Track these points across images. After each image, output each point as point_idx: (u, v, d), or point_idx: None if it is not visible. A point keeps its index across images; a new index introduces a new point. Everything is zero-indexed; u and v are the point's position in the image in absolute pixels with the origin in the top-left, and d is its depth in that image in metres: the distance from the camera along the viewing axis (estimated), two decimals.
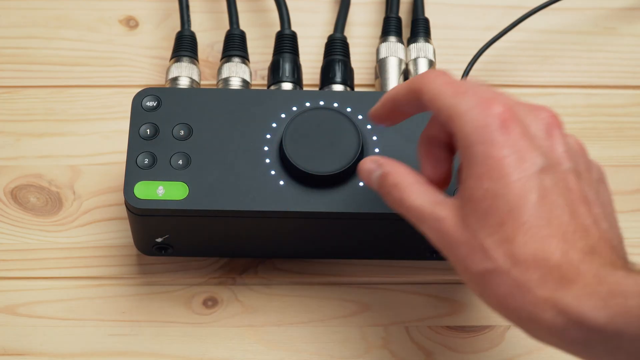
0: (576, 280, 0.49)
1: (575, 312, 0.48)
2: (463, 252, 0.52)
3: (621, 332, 0.47)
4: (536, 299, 0.49)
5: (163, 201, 0.62)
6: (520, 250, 0.50)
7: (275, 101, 0.66)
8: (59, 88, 0.75)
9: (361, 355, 0.66)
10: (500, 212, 0.51)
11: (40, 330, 0.66)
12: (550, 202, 0.51)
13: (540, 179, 0.51)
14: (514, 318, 0.51)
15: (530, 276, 0.50)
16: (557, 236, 0.50)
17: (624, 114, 0.75)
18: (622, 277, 0.48)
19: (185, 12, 0.75)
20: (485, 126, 0.52)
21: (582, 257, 0.50)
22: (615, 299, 0.47)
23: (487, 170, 0.51)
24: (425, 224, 0.54)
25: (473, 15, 0.79)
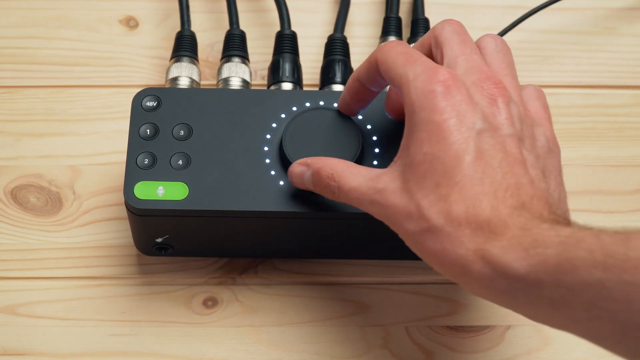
0: (503, 233, 0.51)
1: (500, 263, 0.50)
2: (402, 216, 0.54)
3: (541, 281, 0.49)
4: (467, 252, 0.52)
5: (163, 201, 0.62)
6: (453, 208, 0.52)
7: (275, 101, 0.66)
8: (59, 88, 0.75)
9: (361, 355, 0.66)
10: (437, 173, 0.53)
11: (40, 330, 0.66)
12: (485, 162, 0.53)
13: (478, 140, 0.53)
14: (449, 273, 0.53)
15: (462, 232, 0.52)
16: (488, 194, 0.52)
17: (624, 114, 0.75)
18: (546, 229, 0.50)
19: (185, 12, 0.75)
20: (429, 92, 0.54)
21: (511, 212, 0.52)
22: (536, 249, 0.49)
23: (428, 134, 0.54)
24: (367, 200, 0.56)
25: (473, 15, 0.79)
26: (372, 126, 0.65)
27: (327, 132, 0.64)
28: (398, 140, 0.65)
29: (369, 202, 0.56)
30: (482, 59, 0.58)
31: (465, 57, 0.58)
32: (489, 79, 0.57)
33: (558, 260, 0.48)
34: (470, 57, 0.58)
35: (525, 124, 0.57)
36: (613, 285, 0.47)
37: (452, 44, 0.58)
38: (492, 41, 0.60)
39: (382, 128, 0.65)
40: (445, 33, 0.59)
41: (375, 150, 0.64)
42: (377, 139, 0.65)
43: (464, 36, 0.59)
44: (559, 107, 0.75)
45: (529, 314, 0.52)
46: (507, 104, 0.56)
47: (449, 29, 0.59)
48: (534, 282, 0.49)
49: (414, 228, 0.54)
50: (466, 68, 0.57)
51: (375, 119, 0.65)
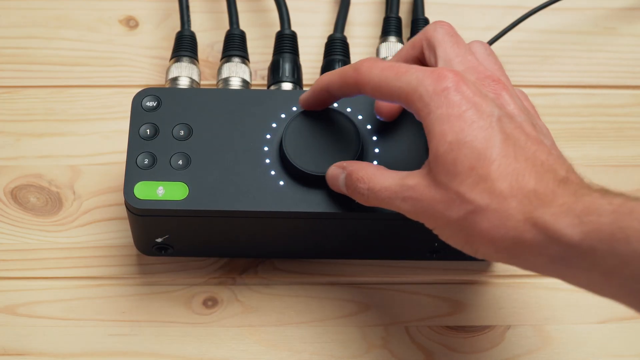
0: (553, 200, 0.52)
1: (553, 229, 0.51)
2: (441, 208, 0.54)
3: (594, 248, 0.49)
4: (517, 223, 0.52)
5: (163, 201, 0.62)
6: (495, 185, 0.53)
7: (275, 101, 0.66)
8: (59, 88, 0.75)
9: (361, 355, 0.66)
10: (469, 158, 0.53)
11: (40, 330, 0.66)
12: (514, 143, 0.54)
13: (501, 124, 0.54)
14: (501, 249, 0.53)
15: (509, 204, 0.52)
16: (527, 168, 0.53)
17: (624, 114, 0.75)
18: (597, 197, 0.51)
19: (185, 12, 0.75)
20: (441, 91, 0.55)
21: (557, 183, 0.53)
22: (590, 217, 0.50)
23: (450, 126, 0.54)
24: (399, 198, 0.57)
25: (473, 15, 0.79)
26: (372, 126, 0.65)
27: (327, 132, 0.64)
28: (398, 140, 0.65)
29: (401, 200, 0.56)
30: (477, 60, 0.59)
31: (461, 58, 0.58)
32: (487, 77, 0.58)
33: (612, 229, 0.49)
34: (465, 58, 0.59)
35: (530, 114, 0.58)
36: None
37: (446, 46, 0.59)
38: (482, 46, 0.61)
39: (382, 128, 0.65)
40: (438, 35, 0.60)
41: (375, 150, 0.64)
42: (377, 139, 0.65)
43: (456, 38, 0.60)
44: (559, 107, 0.75)
45: (581, 282, 0.52)
46: (512, 97, 0.57)
47: (441, 31, 0.60)
48: (588, 249, 0.49)
49: (457, 214, 0.54)
50: (464, 69, 0.58)
51: (375, 119, 0.65)
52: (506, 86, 0.58)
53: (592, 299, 0.67)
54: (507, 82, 0.59)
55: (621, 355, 0.66)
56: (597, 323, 0.67)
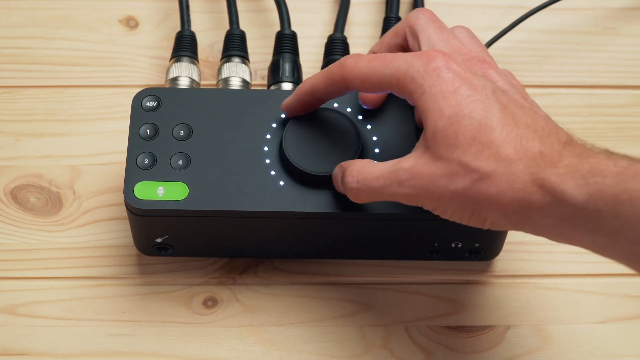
0: (559, 162, 0.52)
1: (559, 190, 0.51)
2: (444, 182, 0.54)
3: (599, 210, 0.50)
4: (524, 184, 0.52)
5: (163, 201, 0.62)
6: (500, 150, 0.53)
7: (275, 101, 0.66)
8: (59, 88, 0.75)
9: (361, 355, 0.66)
10: (469, 129, 0.54)
11: (40, 330, 0.66)
12: (511, 112, 0.54)
13: (496, 96, 0.55)
14: (510, 213, 0.53)
15: (515, 167, 0.52)
16: (530, 133, 0.53)
17: (624, 114, 0.75)
18: (603, 158, 0.51)
19: (185, 12, 0.75)
20: (432, 70, 0.55)
21: (562, 145, 0.53)
22: (595, 178, 0.50)
23: (446, 101, 0.55)
24: (395, 183, 0.56)
25: (473, 15, 0.79)
26: (372, 126, 0.65)
27: (327, 132, 0.64)
28: (398, 140, 0.65)
29: (398, 184, 0.56)
30: (461, 43, 0.60)
31: (444, 42, 0.59)
32: (473, 58, 0.58)
33: (616, 190, 0.49)
34: (449, 42, 0.59)
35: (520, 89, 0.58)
36: None
37: (429, 31, 0.60)
38: (464, 30, 0.62)
39: (382, 128, 0.65)
40: (420, 22, 0.60)
41: (375, 150, 0.64)
42: (377, 139, 0.65)
43: (439, 23, 0.60)
44: (559, 107, 0.75)
45: (586, 244, 0.52)
46: (499, 75, 0.58)
47: (424, 17, 0.60)
48: (592, 211, 0.50)
49: (462, 184, 0.54)
50: (449, 52, 0.58)
51: (375, 119, 0.65)
52: (492, 65, 0.58)
53: (592, 299, 0.68)
54: (492, 62, 0.60)
55: (621, 355, 0.66)
56: (597, 323, 0.67)
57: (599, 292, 0.68)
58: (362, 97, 0.65)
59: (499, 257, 0.69)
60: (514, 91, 0.57)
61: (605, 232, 0.50)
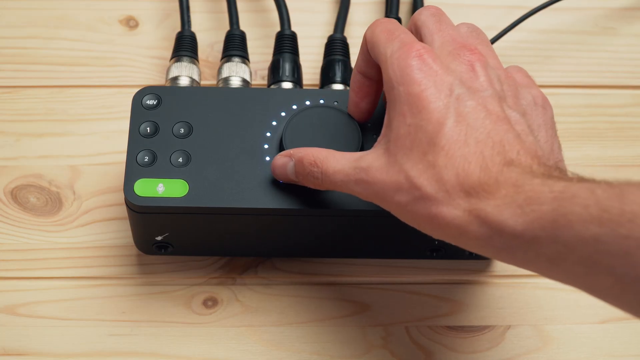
0: (496, 192, 0.52)
1: (496, 221, 0.51)
2: (391, 189, 0.55)
3: (537, 237, 0.49)
4: (462, 214, 0.52)
5: (163, 198, 0.62)
6: (442, 173, 0.53)
7: (275, 99, 0.66)
8: (59, 88, 0.75)
9: (361, 355, 0.66)
10: (423, 143, 0.54)
11: (40, 330, 0.66)
12: (467, 124, 0.54)
13: (457, 105, 0.54)
14: (448, 237, 0.54)
15: (456, 195, 0.52)
16: (475, 154, 0.53)
17: (624, 114, 0.75)
18: (537, 184, 0.50)
19: (186, 12, 0.75)
20: (405, 67, 0.56)
21: (500, 169, 0.52)
22: (531, 206, 0.50)
23: (409, 106, 0.55)
24: (352, 181, 0.57)
25: (473, 15, 0.79)
26: (372, 124, 0.65)
27: (327, 129, 0.64)
28: None
29: (354, 182, 0.57)
30: (457, 33, 0.59)
31: (441, 32, 0.59)
32: (463, 47, 0.58)
33: (553, 216, 0.49)
34: (445, 32, 0.59)
35: (507, 84, 0.58)
36: (609, 239, 0.47)
37: (429, 24, 0.60)
38: (467, 25, 0.61)
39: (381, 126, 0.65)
40: (422, 17, 0.60)
41: None
42: (376, 137, 0.65)
43: (439, 17, 0.60)
44: (559, 107, 0.75)
45: (530, 269, 0.52)
46: (485, 67, 0.57)
47: (426, 13, 0.60)
48: (530, 239, 0.50)
49: (405, 199, 0.54)
50: (442, 42, 0.58)
51: (375, 117, 0.65)
52: (482, 57, 0.58)
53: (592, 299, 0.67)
54: (488, 51, 0.59)
55: (621, 355, 0.66)
56: (597, 323, 0.67)
57: None
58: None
59: None
60: (490, 92, 0.56)
61: (547, 257, 0.50)
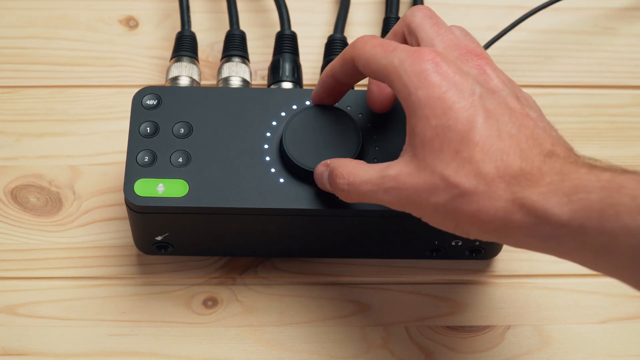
0: (540, 180, 0.51)
1: (541, 209, 0.50)
2: (426, 195, 0.54)
3: (584, 226, 0.49)
4: (505, 204, 0.52)
5: (163, 198, 0.62)
6: (481, 167, 0.52)
7: (275, 99, 0.66)
8: (59, 88, 0.75)
9: (361, 355, 0.66)
10: (454, 142, 0.53)
11: (40, 330, 0.66)
12: (497, 120, 0.54)
13: (483, 102, 0.54)
14: (492, 230, 0.53)
15: (496, 186, 0.52)
16: (512, 147, 0.53)
17: (624, 114, 0.75)
18: (584, 174, 0.50)
19: (186, 12, 0.75)
20: (420, 72, 0.55)
21: (543, 159, 0.52)
22: (578, 194, 0.49)
23: (432, 109, 0.54)
24: (381, 190, 0.56)
25: (473, 15, 0.79)
26: (372, 124, 0.65)
27: (327, 129, 0.64)
28: (398, 137, 0.65)
29: (384, 191, 0.56)
30: (458, 38, 0.59)
31: (442, 37, 0.59)
32: (470, 52, 0.58)
33: (601, 205, 0.48)
34: (445, 36, 0.59)
35: (514, 86, 0.58)
36: None
37: (425, 27, 0.59)
38: (459, 28, 0.61)
39: (381, 126, 0.65)
40: (417, 19, 0.60)
41: (375, 148, 0.64)
42: (377, 137, 0.65)
43: (435, 19, 0.60)
44: (559, 107, 0.75)
45: (575, 259, 0.51)
46: (495, 70, 0.57)
47: (420, 14, 0.60)
48: (578, 227, 0.49)
49: (443, 199, 0.53)
50: (445, 47, 0.58)
51: (375, 117, 0.65)
52: (489, 61, 0.58)
53: (592, 299, 0.68)
54: (488, 57, 0.59)
55: (621, 355, 0.66)
56: (597, 323, 0.67)
57: (599, 292, 0.68)
58: (368, 99, 0.65)
59: (498, 257, 0.69)
60: (507, 90, 0.56)
61: (593, 247, 0.49)
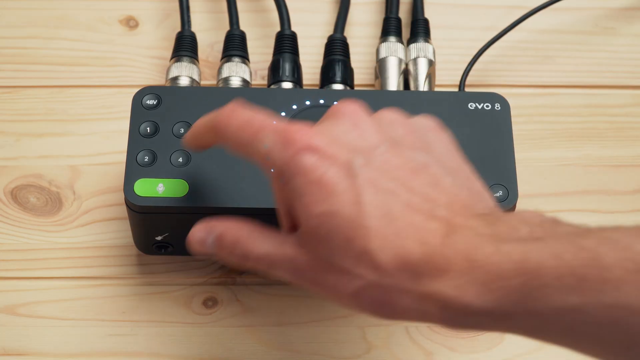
0: (448, 269, 0.46)
1: (460, 303, 0.46)
2: (330, 282, 0.49)
3: (510, 313, 0.45)
4: (418, 298, 0.47)
5: (163, 198, 0.62)
6: (380, 257, 0.47)
7: (275, 99, 0.66)
8: (59, 88, 0.75)
9: (361, 355, 0.66)
10: (343, 228, 0.48)
11: (40, 330, 0.66)
12: (384, 192, 0.49)
13: (363, 175, 0.49)
14: (409, 319, 0.49)
15: (401, 278, 0.47)
16: (406, 226, 0.48)
17: (624, 114, 0.75)
18: (493, 255, 0.46)
19: (186, 12, 0.75)
20: (291, 157, 0.50)
21: (442, 241, 0.47)
22: (496, 283, 0.45)
23: (312, 196, 0.49)
24: (280, 268, 0.52)
25: (473, 15, 0.79)
26: None
27: None
28: None
29: (284, 271, 0.52)
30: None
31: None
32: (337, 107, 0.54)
33: (524, 289, 0.45)
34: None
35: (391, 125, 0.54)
36: (593, 310, 0.43)
37: None
38: None
39: None
40: None
41: None
42: None
43: None
44: (559, 107, 0.75)
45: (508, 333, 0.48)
46: (366, 119, 0.53)
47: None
48: (503, 315, 0.46)
49: (349, 290, 0.49)
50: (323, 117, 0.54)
51: None
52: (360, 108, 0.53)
53: None
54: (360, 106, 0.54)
55: None
56: None
57: None
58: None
59: None
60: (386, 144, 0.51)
61: (524, 330, 0.46)
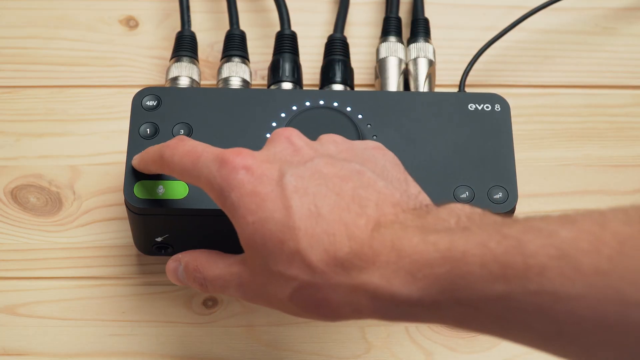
0: (375, 259, 0.48)
1: (387, 292, 0.47)
2: (270, 291, 0.52)
3: (438, 302, 0.46)
4: (349, 290, 0.49)
5: (163, 200, 0.62)
6: (310, 256, 0.49)
7: (275, 100, 0.66)
8: (59, 88, 0.75)
9: (361, 355, 0.66)
10: (275, 233, 0.50)
11: (40, 330, 0.66)
12: (313, 195, 0.51)
13: (293, 182, 0.51)
14: (343, 317, 0.50)
15: (332, 273, 0.49)
16: (335, 223, 0.50)
17: (624, 114, 0.75)
18: (419, 244, 0.47)
19: (186, 12, 0.75)
20: (226, 176, 0.53)
21: (370, 234, 0.49)
22: (422, 271, 0.46)
23: (245, 208, 0.52)
24: (230, 286, 0.55)
25: (473, 15, 0.79)
26: (372, 125, 0.65)
27: (327, 130, 0.63)
28: (397, 139, 0.65)
29: (234, 288, 0.55)
30: None
31: None
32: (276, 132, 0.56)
33: (450, 278, 0.46)
34: None
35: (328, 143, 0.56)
36: (519, 296, 0.44)
37: None
38: None
39: (381, 127, 0.65)
40: None
41: None
42: (376, 138, 0.65)
43: None
44: (559, 107, 0.75)
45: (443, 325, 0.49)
46: (302, 139, 0.56)
47: None
48: (431, 304, 0.46)
49: (286, 294, 0.51)
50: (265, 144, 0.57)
51: (375, 118, 0.65)
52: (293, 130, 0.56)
53: None
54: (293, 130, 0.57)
55: None
56: None
57: None
58: None
59: None
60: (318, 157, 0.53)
61: (453, 319, 0.47)
